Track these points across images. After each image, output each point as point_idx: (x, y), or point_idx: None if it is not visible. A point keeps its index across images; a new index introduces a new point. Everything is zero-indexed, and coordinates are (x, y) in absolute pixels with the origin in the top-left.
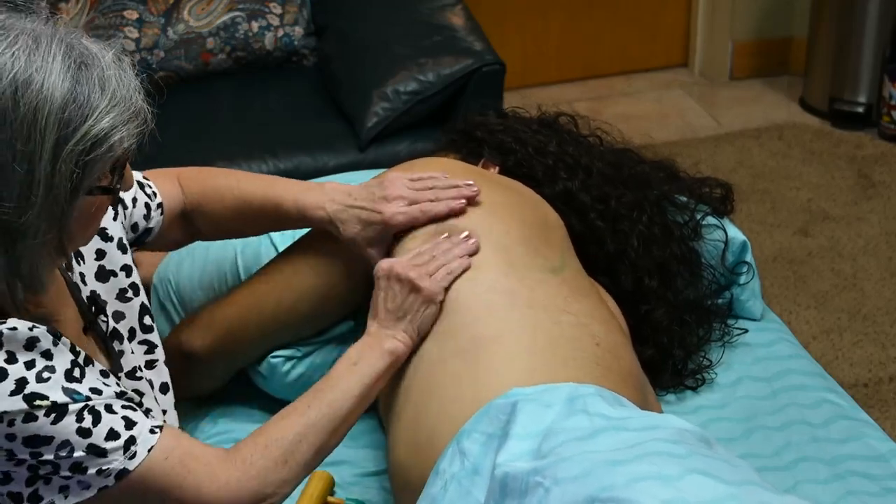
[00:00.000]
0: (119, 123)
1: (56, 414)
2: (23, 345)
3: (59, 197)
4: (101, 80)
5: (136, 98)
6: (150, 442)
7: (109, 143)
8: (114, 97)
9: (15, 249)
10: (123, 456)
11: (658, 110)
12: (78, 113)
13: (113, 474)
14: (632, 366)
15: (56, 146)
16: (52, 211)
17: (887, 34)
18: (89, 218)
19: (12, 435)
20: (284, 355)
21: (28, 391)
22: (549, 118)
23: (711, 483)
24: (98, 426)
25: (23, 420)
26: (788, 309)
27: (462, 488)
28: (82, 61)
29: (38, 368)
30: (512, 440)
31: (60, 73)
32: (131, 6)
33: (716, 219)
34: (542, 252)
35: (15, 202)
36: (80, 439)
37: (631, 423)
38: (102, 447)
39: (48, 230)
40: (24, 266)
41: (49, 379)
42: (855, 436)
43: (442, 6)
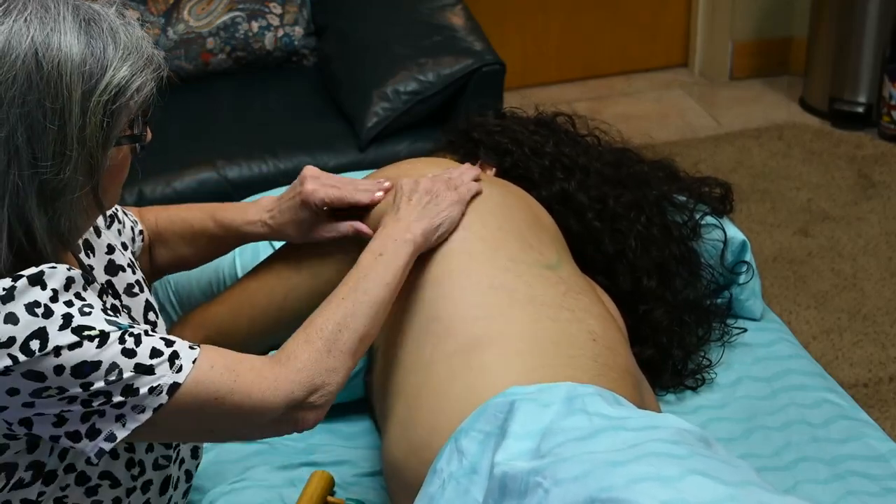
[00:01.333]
0: (136, 71)
1: (100, 339)
2: (63, 284)
3: (93, 148)
4: (112, 32)
5: (146, 46)
6: (193, 355)
7: (131, 90)
8: (126, 48)
9: (55, 208)
10: (171, 370)
11: (658, 110)
12: (97, 66)
13: (164, 390)
14: (629, 363)
15: (83, 99)
16: (88, 163)
17: (887, 34)
18: (119, 170)
19: (60, 367)
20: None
21: (76, 324)
22: (546, 118)
23: (711, 484)
24: (141, 346)
25: (69, 348)
26: (788, 309)
27: (460, 487)
28: (90, 18)
29: (78, 305)
30: (510, 439)
31: (73, 31)
32: (131, 6)
33: (715, 218)
34: (536, 248)
35: (52, 159)
36: (126, 360)
37: (630, 422)
38: (149, 364)
39: (85, 183)
40: (64, 223)
41: (91, 313)
42: (855, 436)
43: (442, 6)
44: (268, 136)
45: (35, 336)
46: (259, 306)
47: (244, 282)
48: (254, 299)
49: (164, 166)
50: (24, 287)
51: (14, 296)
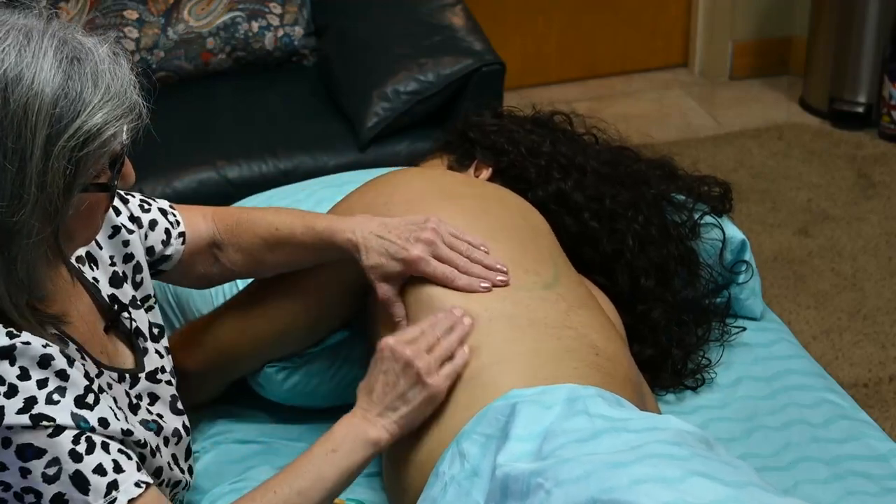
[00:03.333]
0: (112, 119)
1: (54, 430)
2: (37, 361)
3: (52, 194)
4: (95, 74)
5: (131, 93)
6: (132, 493)
7: (102, 138)
8: (107, 92)
9: (10, 250)
10: (104, 499)
11: (658, 110)
12: (70, 108)
13: None
14: (629, 371)
15: (47, 142)
16: (46, 209)
17: (887, 34)
18: (88, 216)
19: (8, 440)
20: (280, 365)
21: (35, 411)
22: (543, 117)
23: (712, 485)
24: (89, 456)
25: (21, 428)
26: (788, 309)
27: (462, 490)
28: (75, 56)
29: (49, 389)
30: (512, 441)
31: (52, 68)
32: (131, 6)
33: (714, 218)
34: (532, 269)
35: (7, 200)
36: (70, 461)
37: (632, 424)
38: (87, 478)
39: (42, 229)
40: (21, 268)
41: (59, 402)
42: (855, 436)
43: (442, 6)
44: (268, 136)
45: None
46: (260, 333)
47: (246, 304)
48: (255, 326)
49: (164, 166)
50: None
51: None
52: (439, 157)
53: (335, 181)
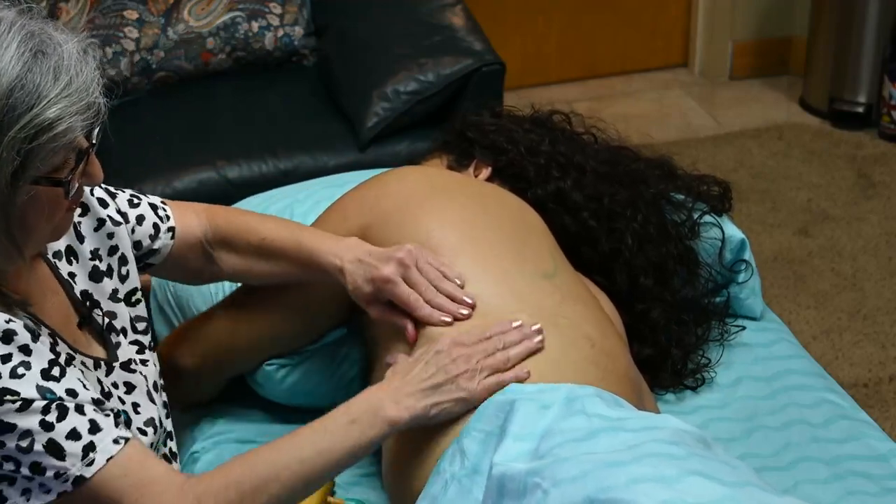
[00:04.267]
0: (67, 114)
1: (21, 404)
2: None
3: None
4: (57, 69)
5: (93, 90)
6: (111, 452)
7: (53, 132)
8: (67, 87)
9: None
10: (81, 462)
11: (658, 110)
12: (24, 100)
13: (70, 479)
14: (628, 368)
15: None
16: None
17: (887, 34)
18: (45, 210)
19: None
20: (278, 363)
21: (0, 385)
22: (542, 116)
23: (710, 484)
24: (62, 423)
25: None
26: (788, 309)
27: (462, 487)
28: (40, 49)
29: (13, 363)
30: (509, 440)
31: (13, 59)
32: (131, 6)
33: (713, 217)
34: (531, 259)
35: None
36: (41, 431)
37: (629, 423)
38: (61, 445)
39: None
40: None
41: (24, 375)
42: (855, 436)
43: (442, 6)
44: (268, 136)
45: None
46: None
47: (244, 301)
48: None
49: (164, 166)
50: None
51: None
52: (438, 157)
53: (335, 181)
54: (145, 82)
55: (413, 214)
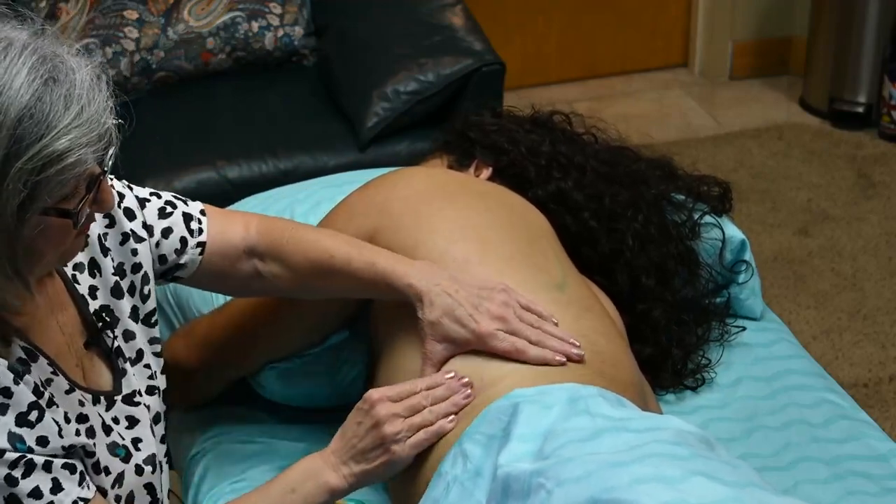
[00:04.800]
0: (77, 145)
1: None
2: None
3: (4, 215)
4: (68, 97)
5: (105, 119)
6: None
7: (63, 163)
8: (78, 116)
9: None
10: None
11: (658, 110)
12: (33, 130)
13: None
14: (632, 373)
15: (4, 163)
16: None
17: (887, 34)
18: (54, 239)
19: None
20: (281, 366)
21: None
22: (542, 117)
23: (713, 485)
24: (26, 480)
25: None
26: (788, 309)
27: (465, 490)
28: (51, 76)
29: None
30: (513, 441)
31: (22, 86)
32: (131, 6)
33: (714, 217)
34: (544, 268)
35: None
36: (4, 485)
37: (632, 424)
38: (21, 502)
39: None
40: None
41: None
42: (855, 436)
43: (442, 6)
44: (268, 136)
45: None
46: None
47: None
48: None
49: (164, 166)
50: None
51: None
52: (439, 157)
53: (335, 181)
54: (145, 82)
55: (424, 219)
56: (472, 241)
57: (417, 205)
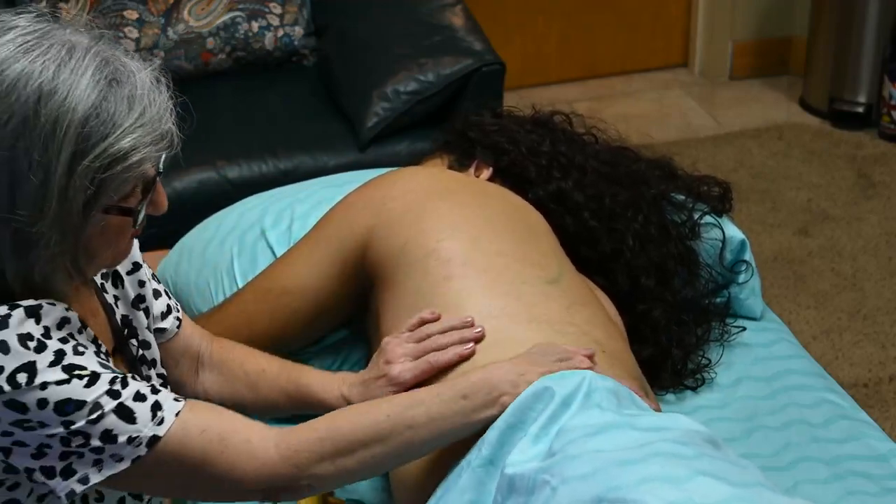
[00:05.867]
0: (141, 145)
1: (89, 379)
2: (56, 322)
3: (71, 211)
4: (131, 98)
5: (166, 121)
6: (176, 408)
7: (128, 162)
8: (141, 116)
9: (28, 257)
10: (152, 422)
11: (658, 110)
12: (99, 129)
13: (143, 442)
14: (633, 370)
15: (72, 160)
16: (65, 224)
17: (887, 34)
18: (111, 238)
19: (44, 401)
20: None
21: (66, 362)
22: (543, 117)
23: (719, 485)
24: (126, 388)
25: (56, 384)
26: (788, 309)
27: (475, 477)
28: (115, 77)
29: (72, 343)
30: (527, 441)
31: (87, 87)
32: (131, 6)
33: (714, 217)
34: (538, 263)
35: (28, 210)
36: (109, 399)
37: (639, 422)
38: (130, 408)
39: (61, 242)
40: (38, 275)
41: (84, 353)
42: (855, 436)
43: (442, 6)
44: (268, 136)
45: (23, 369)
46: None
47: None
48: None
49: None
50: (19, 318)
51: (8, 324)
52: (439, 157)
53: (335, 181)
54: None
55: (420, 219)
56: (462, 238)
57: (415, 203)
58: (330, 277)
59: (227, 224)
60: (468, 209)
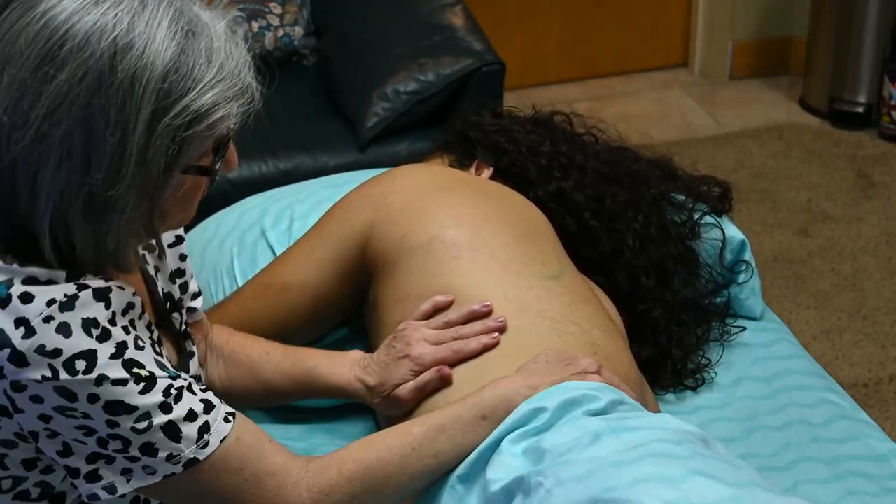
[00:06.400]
0: (223, 100)
1: (146, 384)
2: (123, 308)
3: (151, 172)
4: (209, 51)
5: (245, 74)
6: (223, 433)
7: (210, 119)
8: (220, 70)
9: (102, 224)
10: (196, 444)
11: (658, 110)
12: (179, 84)
13: (182, 462)
14: (629, 370)
15: (152, 118)
16: (144, 186)
17: (887, 34)
18: (186, 198)
19: (96, 396)
20: None
21: (127, 356)
22: (543, 117)
23: (714, 484)
24: (179, 404)
25: (112, 383)
26: (788, 309)
27: (456, 493)
28: (190, 29)
29: (133, 334)
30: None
31: (165, 39)
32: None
33: (714, 218)
34: (539, 259)
35: (105, 173)
36: (161, 414)
37: (632, 423)
38: (179, 427)
39: (138, 206)
40: (112, 242)
41: (144, 347)
42: (855, 436)
43: (442, 6)
44: (267, 136)
45: (83, 357)
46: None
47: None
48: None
49: None
50: (86, 300)
51: (74, 306)
52: (439, 157)
53: (335, 181)
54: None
55: (422, 211)
56: (465, 228)
57: (416, 198)
58: (330, 274)
59: (226, 224)
60: (469, 204)
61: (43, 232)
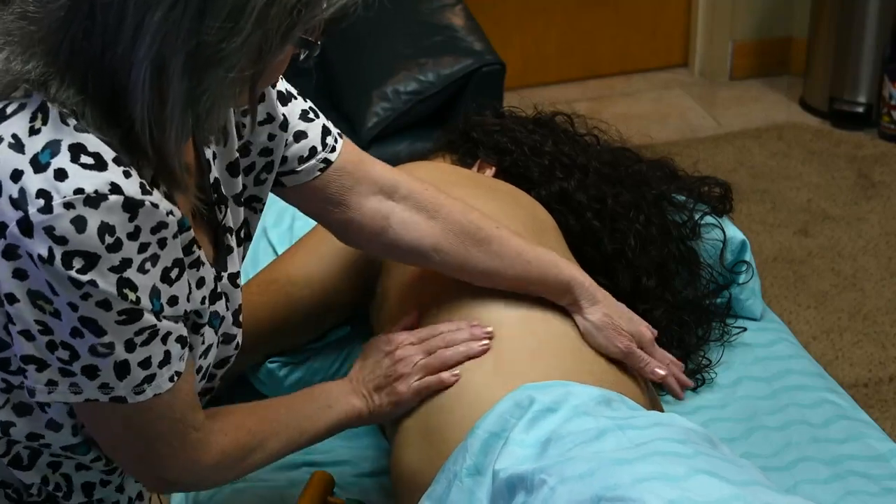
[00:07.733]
0: None
1: (126, 316)
2: (151, 226)
3: (270, 33)
4: None
5: None
6: (161, 389)
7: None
8: None
9: (202, 81)
10: (133, 389)
11: (658, 110)
12: None
13: (109, 396)
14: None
15: None
16: (259, 47)
17: (887, 34)
18: (277, 71)
19: (74, 305)
20: (281, 360)
21: (126, 275)
22: (545, 117)
23: (717, 483)
24: (143, 348)
25: (96, 303)
26: (788, 309)
27: (464, 487)
28: None
29: (145, 255)
30: (512, 445)
31: None
32: None
33: (714, 218)
34: None
35: (221, 22)
36: (122, 350)
37: (636, 422)
38: (129, 368)
39: (245, 68)
40: (205, 102)
41: (148, 272)
42: (855, 436)
43: (442, 6)
44: None
45: (84, 256)
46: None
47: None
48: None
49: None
50: (114, 205)
51: (99, 206)
52: (441, 157)
53: None
54: None
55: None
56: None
57: None
58: (336, 269)
59: None
60: (481, 199)
61: (135, 80)
